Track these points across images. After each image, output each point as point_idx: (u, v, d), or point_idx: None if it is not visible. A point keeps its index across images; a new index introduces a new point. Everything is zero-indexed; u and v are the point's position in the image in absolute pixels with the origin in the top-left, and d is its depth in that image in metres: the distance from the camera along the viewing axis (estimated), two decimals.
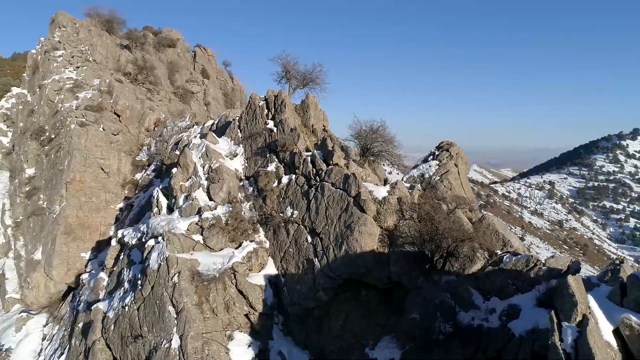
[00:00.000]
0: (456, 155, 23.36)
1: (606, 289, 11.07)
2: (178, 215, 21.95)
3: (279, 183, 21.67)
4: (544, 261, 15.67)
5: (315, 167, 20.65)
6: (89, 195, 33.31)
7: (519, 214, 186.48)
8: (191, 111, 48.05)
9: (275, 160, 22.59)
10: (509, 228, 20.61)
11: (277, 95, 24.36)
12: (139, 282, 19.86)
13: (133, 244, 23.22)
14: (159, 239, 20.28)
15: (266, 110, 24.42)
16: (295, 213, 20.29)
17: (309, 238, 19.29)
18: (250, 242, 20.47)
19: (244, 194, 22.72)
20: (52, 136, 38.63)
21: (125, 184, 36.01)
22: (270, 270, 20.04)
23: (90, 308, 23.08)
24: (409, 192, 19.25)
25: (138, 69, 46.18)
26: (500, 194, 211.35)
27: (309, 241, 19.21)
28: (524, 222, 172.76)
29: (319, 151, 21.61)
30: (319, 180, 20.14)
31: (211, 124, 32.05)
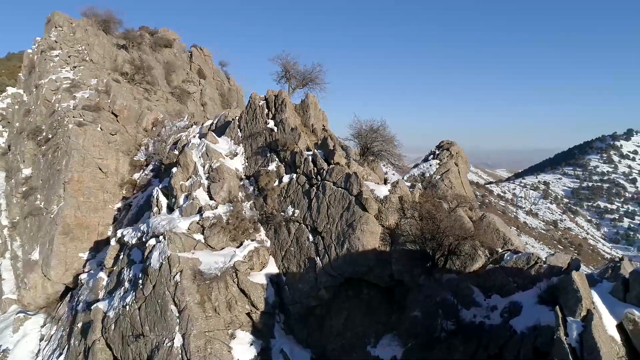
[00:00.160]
0: (456, 154, 23.53)
1: (608, 285, 11.22)
2: (179, 215, 21.95)
3: (280, 182, 21.74)
4: (544, 259, 15.83)
5: (316, 166, 20.73)
6: (87, 195, 33.18)
7: (514, 214, 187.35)
8: (188, 111, 48.00)
9: (276, 159, 22.65)
10: None
11: (278, 95, 24.43)
12: (140, 282, 19.83)
13: (133, 244, 23.17)
14: (160, 238, 20.28)
15: (266, 110, 24.49)
16: (297, 212, 20.36)
17: (311, 237, 19.36)
18: (252, 241, 20.52)
19: (245, 193, 22.76)
20: (49, 136, 38.44)
21: (123, 184, 35.91)
22: (272, 269, 20.10)
23: (90, 308, 23.01)
24: (410, 191, 19.38)
25: (135, 69, 46.08)
26: (495, 194, 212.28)
27: (311, 240, 19.28)
28: (519, 222, 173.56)
29: (320, 150, 21.68)
30: (320, 179, 20.22)
31: (210, 124, 32.05)
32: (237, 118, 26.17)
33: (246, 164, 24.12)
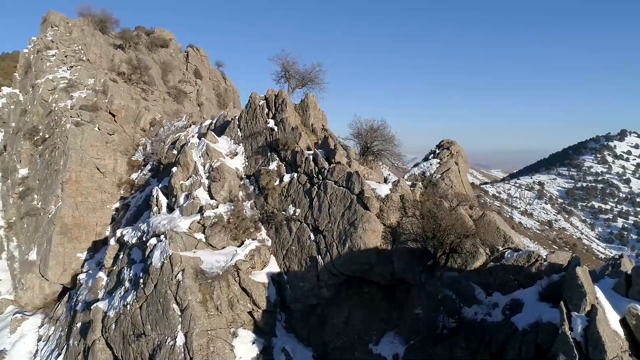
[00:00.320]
0: (456, 153, 23.69)
1: (610, 281, 11.38)
2: (179, 214, 21.93)
3: (281, 181, 21.78)
4: (544, 257, 15.97)
5: (317, 166, 20.80)
6: (85, 195, 33.05)
7: (509, 214, 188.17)
8: (185, 111, 47.94)
9: (277, 159, 22.70)
10: None
11: (278, 95, 24.49)
12: (140, 281, 19.81)
13: (133, 243, 23.14)
14: (161, 237, 20.27)
15: (266, 110, 24.53)
16: (298, 211, 20.41)
17: (312, 235, 19.41)
18: (253, 240, 20.56)
19: (245, 192, 22.79)
20: (46, 136, 38.27)
21: (121, 184, 35.80)
22: (273, 268, 20.14)
23: (90, 308, 22.96)
24: (410, 190, 19.50)
25: (132, 69, 45.94)
26: (490, 194, 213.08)
27: (312, 239, 19.33)
28: (514, 223, 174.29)
29: (321, 150, 21.76)
30: (321, 178, 20.29)
31: (209, 124, 32.04)
32: (237, 118, 26.19)
33: (246, 163, 24.14)
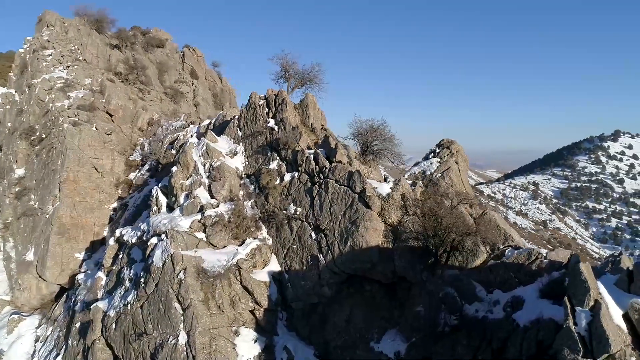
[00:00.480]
0: (457, 152, 23.87)
1: (612, 277, 11.54)
2: (179, 213, 21.93)
3: (281, 181, 21.83)
4: (545, 254, 16.12)
5: (318, 165, 20.87)
6: (82, 195, 32.92)
7: (504, 214, 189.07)
8: (181, 111, 47.88)
9: (277, 158, 22.76)
10: None
11: (278, 94, 24.55)
12: (141, 280, 19.78)
13: (133, 243, 23.10)
14: (162, 236, 20.27)
15: (267, 109, 24.58)
16: (299, 210, 20.47)
17: (313, 234, 19.49)
18: (254, 239, 20.59)
19: (245, 192, 22.83)
20: (43, 136, 38.11)
21: (118, 184, 35.70)
22: (274, 266, 20.19)
23: (89, 307, 22.89)
24: (411, 189, 19.62)
25: (129, 69, 45.81)
26: (485, 194, 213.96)
27: (313, 237, 19.41)
28: (509, 223, 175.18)
29: (321, 149, 21.83)
30: (322, 177, 20.37)
31: (208, 123, 32.04)
32: (237, 117, 26.21)
33: (246, 162, 24.18)
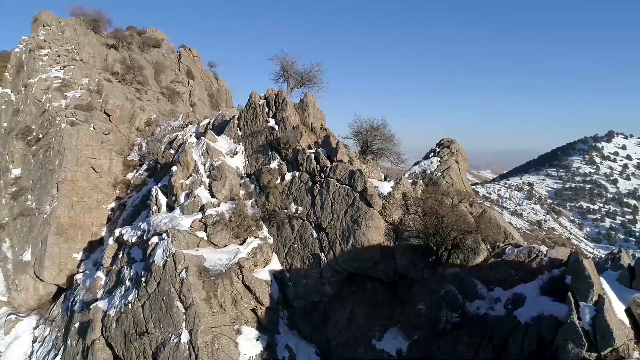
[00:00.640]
0: (456, 152, 24.07)
1: (613, 273, 11.72)
2: (180, 213, 21.94)
3: (282, 180, 21.90)
4: (545, 252, 16.28)
5: (319, 164, 20.95)
6: (80, 195, 32.82)
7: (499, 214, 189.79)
8: (178, 112, 47.82)
9: (278, 157, 22.83)
10: None
11: (278, 94, 24.62)
12: (142, 279, 19.76)
13: (133, 242, 23.06)
14: (163, 235, 20.27)
15: (267, 109, 24.64)
16: (300, 209, 20.55)
17: (315, 233, 19.57)
18: (255, 239, 20.65)
19: (246, 191, 22.88)
20: (40, 136, 37.91)
21: (116, 184, 35.62)
22: (275, 265, 20.26)
23: (88, 307, 22.82)
24: (412, 188, 19.75)
25: (126, 69, 45.71)
26: (481, 195, 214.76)
27: (315, 236, 19.49)
28: None
29: (322, 148, 21.92)
30: (323, 176, 20.46)
31: (207, 123, 32.05)
32: (237, 117, 26.25)
33: (247, 162, 24.23)
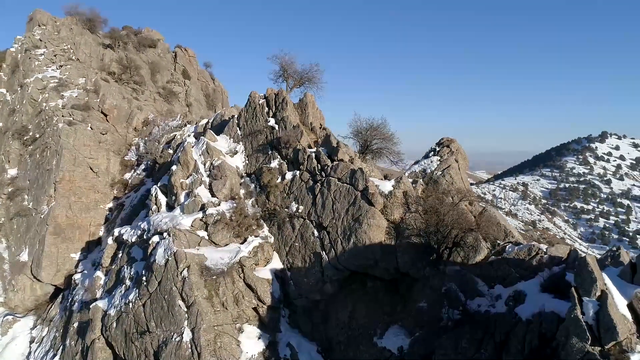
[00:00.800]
0: (456, 151, 24.23)
1: (614, 269, 11.87)
2: (180, 212, 21.93)
3: (283, 179, 21.94)
4: (545, 250, 16.43)
5: (320, 163, 21.01)
6: (78, 195, 32.67)
7: None
8: (175, 111, 47.73)
9: (278, 157, 22.86)
10: None
11: (278, 94, 24.65)
12: (143, 279, 19.72)
13: (133, 242, 23.01)
14: (164, 235, 20.24)
15: (266, 108, 24.66)
16: (301, 208, 20.60)
17: (316, 232, 19.63)
18: (255, 237, 20.67)
19: (246, 190, 22.89)
20: (37, 135, 37.71)
21: (114, 183, 35.49)
22: (276, 264, 20.29)
23: (88, 307, 22.75)
24: (412, 186, 19.86)
25: (123, 69, 45.58)
26: (475, 195, 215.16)
27: (316, 235, 19.55)
28: None
29: (322, 147, 21.98)
30: (324, 175, 20.52)
31: (205, 123, 32.03)
32: (236, 116, 26.25)
33: (247, 161, 24.24)
